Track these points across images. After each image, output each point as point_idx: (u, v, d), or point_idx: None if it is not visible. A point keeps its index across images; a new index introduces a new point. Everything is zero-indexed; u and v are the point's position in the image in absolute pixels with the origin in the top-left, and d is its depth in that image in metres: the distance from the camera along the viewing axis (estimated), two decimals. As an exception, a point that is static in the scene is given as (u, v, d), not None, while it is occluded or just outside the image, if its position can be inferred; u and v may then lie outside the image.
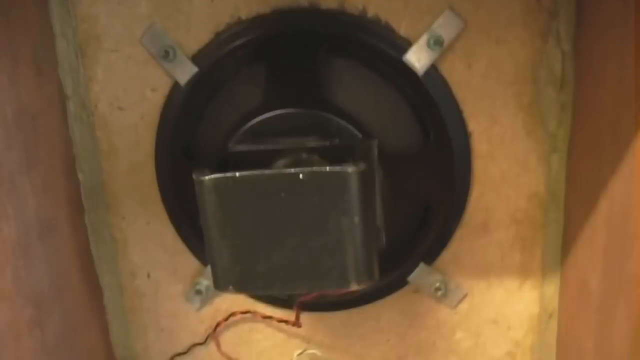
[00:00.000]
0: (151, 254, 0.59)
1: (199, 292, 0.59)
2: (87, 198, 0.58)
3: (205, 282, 0.59)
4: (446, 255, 0.57)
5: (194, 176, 0.42)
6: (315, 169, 0.41)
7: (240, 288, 0.44)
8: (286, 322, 0.57)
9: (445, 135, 0.53)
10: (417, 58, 0.51)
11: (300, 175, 0.41)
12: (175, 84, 0.53)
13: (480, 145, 0.54)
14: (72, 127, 0.56)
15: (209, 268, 0.58)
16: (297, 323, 0.54)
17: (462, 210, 0.55)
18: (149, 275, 0.60)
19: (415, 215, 0.56)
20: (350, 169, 0.41)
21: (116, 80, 0.54)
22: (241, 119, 0.51)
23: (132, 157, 0.56)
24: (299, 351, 0.60)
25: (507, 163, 0.54)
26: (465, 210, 0.55)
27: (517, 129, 0.53)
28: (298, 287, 0.44)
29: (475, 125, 0.53)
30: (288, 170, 0.41)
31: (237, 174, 0.41)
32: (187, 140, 0.56)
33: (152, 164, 0.56)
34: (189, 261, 0.59)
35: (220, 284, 0.44)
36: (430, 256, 0.57)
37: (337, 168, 0.41)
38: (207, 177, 0.42)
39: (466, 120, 0.53)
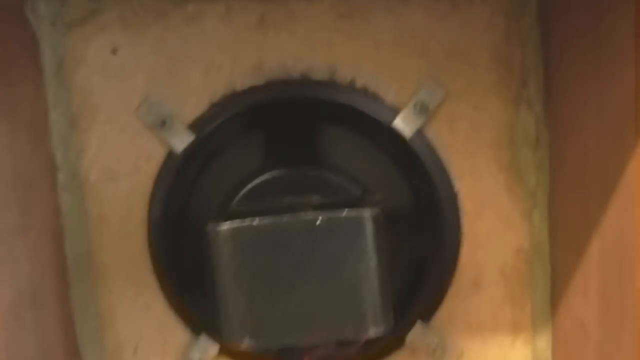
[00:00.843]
0: (139, 328, 0.57)
1: (190, 365, 0.57)
2: (73, 269, 0.56)
3: (197, 354, 0.57)
4: (441, 314, 0.58)
5: (208, 228, 0.43)
6: (332, 214, 0.42)
7: (256, 339, 0.43)
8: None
9: (434, 195, 0.55)
10: (405, 124, 0.54)
11: (318, 221, 0.42)
12: (170, 153, 0.54)
13: (467, 203, 0.56)
14: (61, 196, 0.55)
15: (201, 339, 0.57)
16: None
17: (454, 267, 0.57)
18: (135, 350, 0.58)
19: (408, 274, 0.57)
20: (366, 213, 0.42)
21: (109, 151, 0.54)
22: (240, 182, 0.52)
23: (122, 227, 0.56)
24: None
25: (492, 220, 0.57)
26: (457, 268, 0.57)
27: (500, 187, 0.56)
28: (315, 336, 0.44)
29: (461, 185, 0.56)
30: (305, 216, 0.42)
31: (255, 222, 0.42)
32: (182, 209, 0.55)
33: (143, 234, 0.55)
34: (179, 333, 0.57)
35: (236, 336, 0.44)
36: (426, 315, 0.57)
37: (353, 212, 0.42)
38: (224, 227, 0.42)
39: (452, 181, 0.56)
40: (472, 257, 0.57)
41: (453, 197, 0.56)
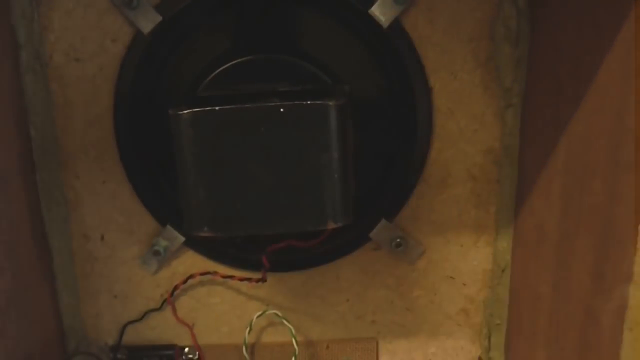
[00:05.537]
0: (106, 215, 0.57)
1: (156, 253, 0.58)
2: (38, 154, 0.55)
3: (164, 242, 0.57)
4: (406, 211, 0.58)
5: (169, 112, 0.42)
6: (296, 102, 0.41)
7: (215, 228, 0.43)
8: (249, 279, 0.56)
9: (407, 90, 0.54)
10: (382, 11, 0.52)
11: (281, 108, 0.41)
12: (137, 34, 0.52)
13: (440, 100, 0.55)
14: (24, 78, 0.53)
15: (167, 228, 0.57)
16: (263, 276, 0.53)
17: (423, 165, 0.57)
18: (102, 238, 0.58)
19: (375, 170, 0.57)
20: (331, 102, 0.41)
21: (74, 29, 0.52)
22: (208, 67, 0.50)
23: (88, 111, 0.54)
24: (259, 313, 0.59)
25: (465, 119, 0.56)
26: (425, 166, 0.57)
27: (475, 85, 0.55)
28: (275, 227, 0.44)
29: (436, 80, 0.55)
30: (269, 103, 0.41)
31: (217, 107, 0.41)
32: (149, 94, 0.54)
33: (109, 119, 0.54)
34: (146, 222, 0.57)
35: (194, 225, 0.43)
36: (391, 212, 0.58)
37: (318, 101, 0.41)
38: (185, 111, 0.41)
39: (428, 75, 0.54)
40: (442, 156, 0.57)
41: (427, 92, 0.54)
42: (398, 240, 0.58)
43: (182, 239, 0.57)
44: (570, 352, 0.48)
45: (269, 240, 0.52)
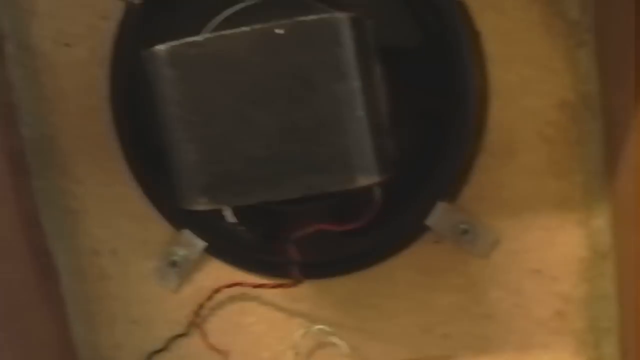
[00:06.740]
0: (115, 223, 0.50)
1: (173, 264, 0.49)
2: (33, 158, 0.49)
3: (182, 250, 0.49)
4: (468, 190, 0.47)
5: (142, 52, 0.34)
6: (297, 19, 0.32)
7: (212, 197, 0.34)
8: (282, 285, 0.46)
9: (449, 35, 0.44)
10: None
11: (280, 29, 0.32)
12: (129, 5, 0.46)
13: (491, 47, 0.45)
14: (11, 72, 0.48)
15: (184, 232, 0.49)
16: (295, 275, 0.43)
17: (480, 131, 0.46)
18: (114, 252, 0.50)
19: (425, 141, 0.47)
20: (340, 15, 0.32)
21: (60, 11, 0.47)
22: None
23: (83, 103, 0.48)
24: (303, 331, 0.49)
25: (526, 68, 0.46)
26: (484, 131, 0.47)
27: (534, 23, 0.45)
28: (288, 190, 0.34)
29: (484, 22, 0.45)
30: (262, 26, 0.32)
31: (200, 37, 0.33)
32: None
33: (107, 109, 0.48)
34: (160, 228, 0.50)
35: (187, 196, 0.35)
36: (450, 192, 0.47)
37: (325, 16, 0.32)
38: (161, 47, 0.33)
39: (473, 17, 0.45)
40: (503, 117, 0.46)
41: (474, 37, 0.44)
42: (463, 226, 0.47)
43: (202, 244, 0.49)
44: None
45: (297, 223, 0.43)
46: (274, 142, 0.34)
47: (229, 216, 0.41)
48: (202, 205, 0.35)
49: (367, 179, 0.34)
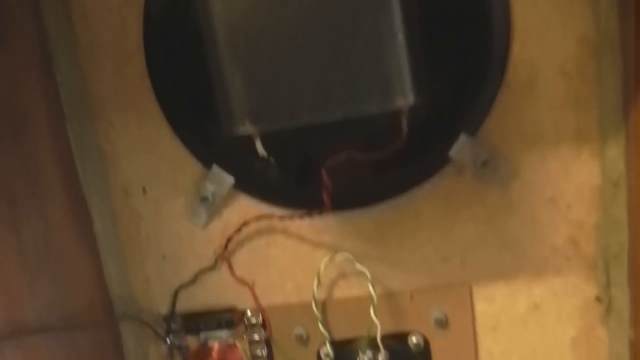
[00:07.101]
0: (146, 164, 0.51)
1: (204, 199, 0.50)
2: (67, 103, 0.49)
3: (212, 186, 0.50)
4: (490, 123, 0.49)
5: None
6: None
7: (259, 121, 0.36)
8: (310, 214, 0.48)
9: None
10: None
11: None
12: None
13: (515, -17, 0.46)
14: (46, 21, 0.48)
15: (214, 170, 0.50)
16: (326, 201, 0.44)
17: (503, 66, 0.48)
18: (144, 191, 0.51)
19: (449, 75, 0.48)
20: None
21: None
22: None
23: (117, 50, 0.49)
24: (326, 259, 0.51)
25: (548, 5, 0.47)
26: (507, 67, 0.48)
27: (556, -41, 0.46)
28: (331, 112, 0.36)
29: (508, -41, 0.46)
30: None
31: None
32: (183, 21, 0.47)
33: (141, 55, 0.48)
34: (191, 167, 0.51)
35: (235, 120, 0.36)
36: (472, 125, 0.49)
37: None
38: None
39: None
40: (525, 53, 0.48)
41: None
42: (483, 158, 0.49)
43: (231, 180, 0.50)
44: None
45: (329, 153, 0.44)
46: (317, 70, 0.35)
47: (260, 149, 0.42)
48: (248, 129, 0.36)
49: (405, 101, 0.35)
